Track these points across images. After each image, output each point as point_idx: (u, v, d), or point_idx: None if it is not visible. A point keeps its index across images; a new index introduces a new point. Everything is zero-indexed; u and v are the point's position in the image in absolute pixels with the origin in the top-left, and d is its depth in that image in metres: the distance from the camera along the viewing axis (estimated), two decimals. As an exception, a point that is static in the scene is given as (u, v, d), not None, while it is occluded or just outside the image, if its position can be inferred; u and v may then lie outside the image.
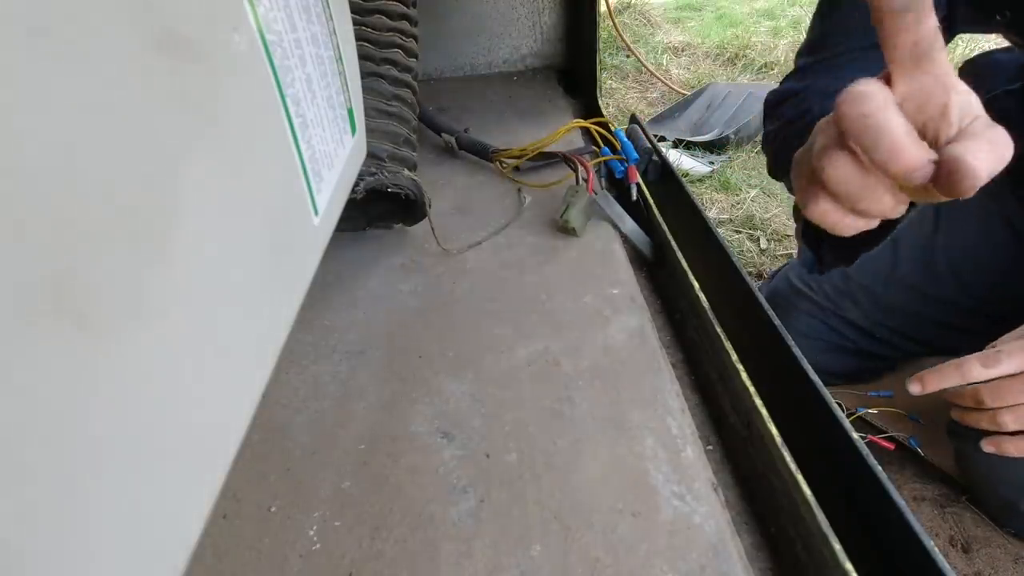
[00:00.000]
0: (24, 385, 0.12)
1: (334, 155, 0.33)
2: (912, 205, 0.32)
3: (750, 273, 0.96)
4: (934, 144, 0.28)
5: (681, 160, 1.39)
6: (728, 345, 0.42)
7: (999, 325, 0.66)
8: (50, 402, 0.13)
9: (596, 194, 0.57)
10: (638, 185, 0.61)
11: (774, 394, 0.38)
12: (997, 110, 0.63)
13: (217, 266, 0.20)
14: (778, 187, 1.28)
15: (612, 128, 0.66)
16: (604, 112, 0.80)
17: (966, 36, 1.83)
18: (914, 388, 0.50)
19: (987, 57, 0.63)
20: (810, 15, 0.56)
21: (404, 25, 0.58)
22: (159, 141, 0.17)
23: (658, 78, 1.86)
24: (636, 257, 0.58)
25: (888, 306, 0.67)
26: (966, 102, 0.28)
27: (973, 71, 0.64)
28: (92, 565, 0.14)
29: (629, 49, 1.94)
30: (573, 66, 0.99)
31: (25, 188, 0.12)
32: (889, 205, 0.30)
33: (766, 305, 0.45)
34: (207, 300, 0.19)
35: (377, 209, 0.56)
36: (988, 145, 0.27)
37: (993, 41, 1.86)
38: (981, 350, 0.67)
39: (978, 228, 0.67)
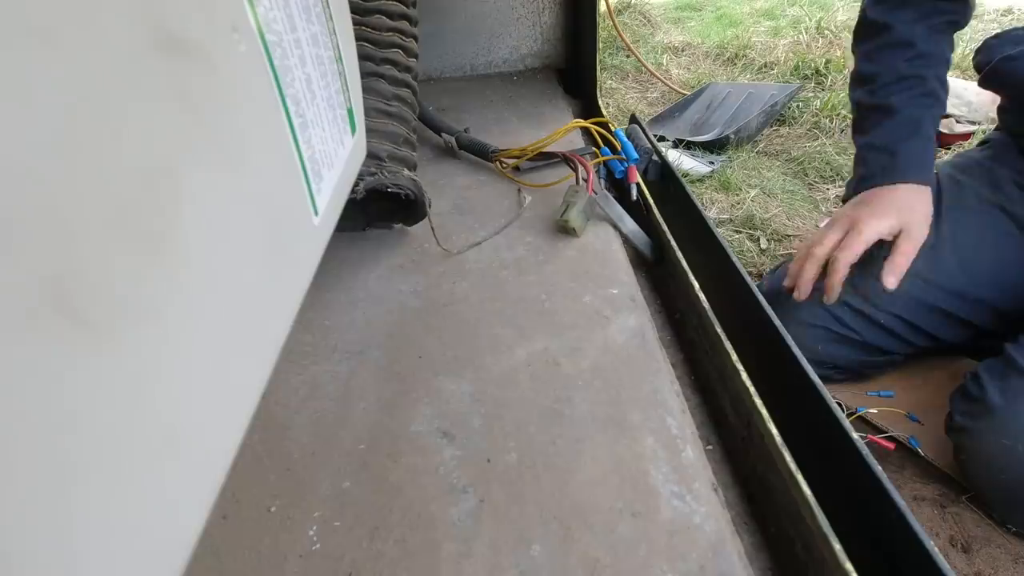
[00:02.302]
0: (24, 385, 0.12)
1: (334, 155, 0.33)
2: None
3: (750, 273, 0.96)
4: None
5: (681, 160, 1.39)
6: (728, 345, 0.42)
7: (1008, 323, 0.66)
8: (49, 401, 0.13)
9: (596, 194, 0.57)
10: (638, 185, 0.61)
11: (774, 394, 0.38)
12: (1020, 66, 0.66)
13: (217, 266, 0.20)
14: (778, 187, 1.28)
15: (612, 128, 0.66)
16: (604, 112, 0.80)
17: (967, 36, 1.83)
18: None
19: (1008, 33, 0.67)
20: (809, 15, 0.57)
21: (404, 25, 0.58)
22: (159, 141, 0.17)
23: (658, 78, 1.86)
24: (636, 257, 0.58)
25: (892, 292, 0.67)
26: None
27: (994, 44, 0.66)
28: (92, 565, 0.14)
29: (629, 49, 1.93)
30: (573, 66, 0.99)
31: (25, 188, 0.12)
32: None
33: (766, 305, 0.45)
34: (206, 300, 0.19)
35: (377, 209, 0.56)
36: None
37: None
38: (984, 347, 0.68)
39: (981, 219, 0.68)
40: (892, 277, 0.61)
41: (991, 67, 0.66)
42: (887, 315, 0.68)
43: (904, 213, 0.62)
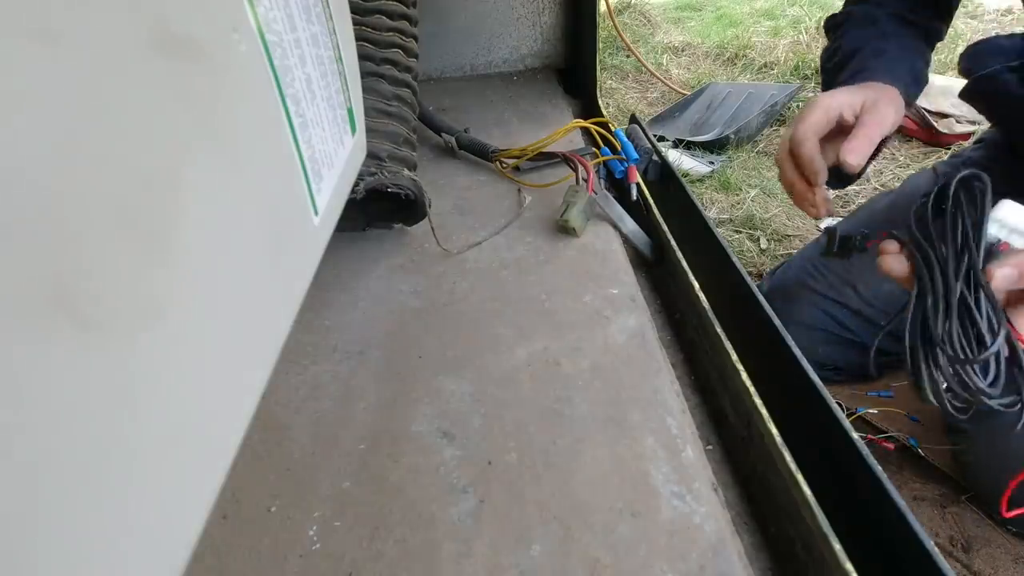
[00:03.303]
0: (24, 385, 0.12)
1: (334, 155, 0.33)
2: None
3: (750, 273, 0.96)
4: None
5: (681, 160, 1.39)
6: (728, 345, 0.42)
7: None
8: (50, 402, 0.13)
9: (596, 194, 0.57)
10: (638, 185, 0.61)
11: (774, 394, 0.38)
12: (997, 85, 0.64)
13: (217, 266, 0.20)
14: (778, 187, 1.28)
15: (612, 128, 0.66)
16: (604, 112, 0.80)
17: (967, 36, 1.83)
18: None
19: (989, 42, 0.64)
20: (809, 15, 0.56)
21: (404, 25, 0.58)
22: (159, 141, 0.17)
23: (658, 78, 1.86)
24: (636, 257, 0.58)
25: (890, 294, 0.67)
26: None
27: (975, 53, 0.65)
28: (92, 565, 0.14)
29: (629, 49, 1.93)
30: (573, 66, 0.99)
31: (26, 188, 0.12)
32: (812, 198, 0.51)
33: (766, 305, 0.45)
34: (207, 300, 0.19)
35: (377, 209, 0.56)
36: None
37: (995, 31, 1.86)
38: None
39: None
40: (852, 155, 0.48)
41: (967, 87, 0.66)
42: (885, 316, 0.68)
43: (870, 91, 0.51)
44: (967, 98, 0.67)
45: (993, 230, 0.36)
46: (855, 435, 0.35)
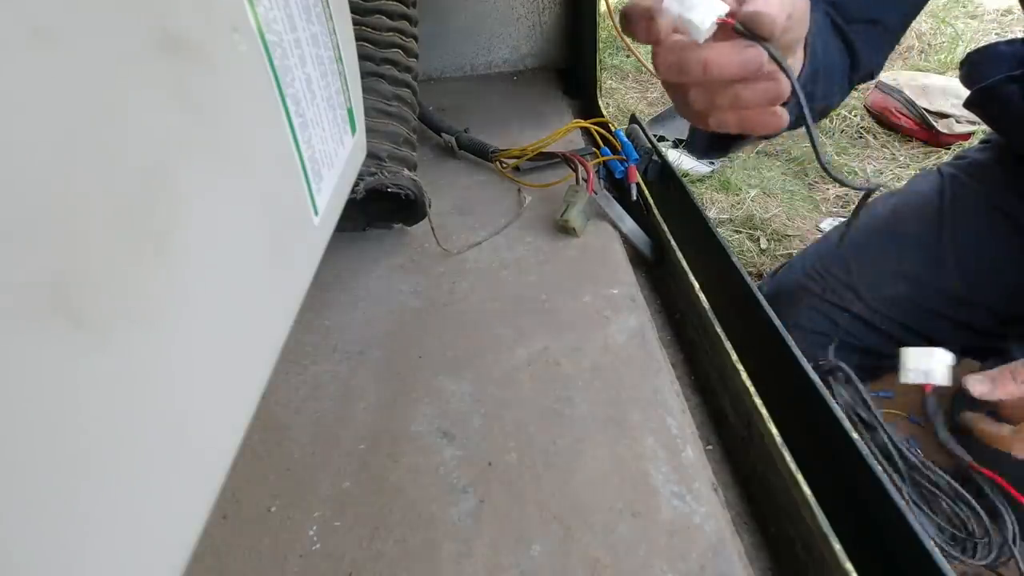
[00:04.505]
0: (23, 385, 0.12)
1: (334, 155, 0.33)
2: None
3: (750, 273, 0.96)
4: None
5: (681, 160, 1.39)
6: (728, 345, 0.42)
7: (1006, 325, 0.66)
8: (49, 402, 0.13)
9: (596, 194, 0.57)
10: (638, 185, 0.61)
11: (774, 394, 0.38)
12: (999, 96, 0.63)
13: (216, 266, 0.20)
14: (778, 187, 1.28)
15: (612, 128, 0.66)
16: (604, 112, 0.80)
17: (967, 36, 1.83)
18: (981, 389, 0.47)
19: (989, 49, 0.64)
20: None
21: (404, 25, 0.58)
22: (159, 141, 0.17)
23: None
24: (636, 257, 0.58)
25: (892, 298, 0.67)
26: None
27: (976, 61, 0.65)
28: (91, 565, 0.14)
29: (629, 49, 1.93)
30: (573, 66, 0.99)
31: (25, 188, 0.12)
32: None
33: (766, 305, 0.45)
34: (206, 300, 0.19)
35: (377, 209, 0.56)
36: None
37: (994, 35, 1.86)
38: (987, 348, 0.67)
39: (981, 223, 0.67)
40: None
41: (969, 97, 0.65)
42: (887, 320, 0.68)
43: None
44: (970, 108, 0.67)
45: (910, 379, 0.42)
46: (855, 435, 0.35)
